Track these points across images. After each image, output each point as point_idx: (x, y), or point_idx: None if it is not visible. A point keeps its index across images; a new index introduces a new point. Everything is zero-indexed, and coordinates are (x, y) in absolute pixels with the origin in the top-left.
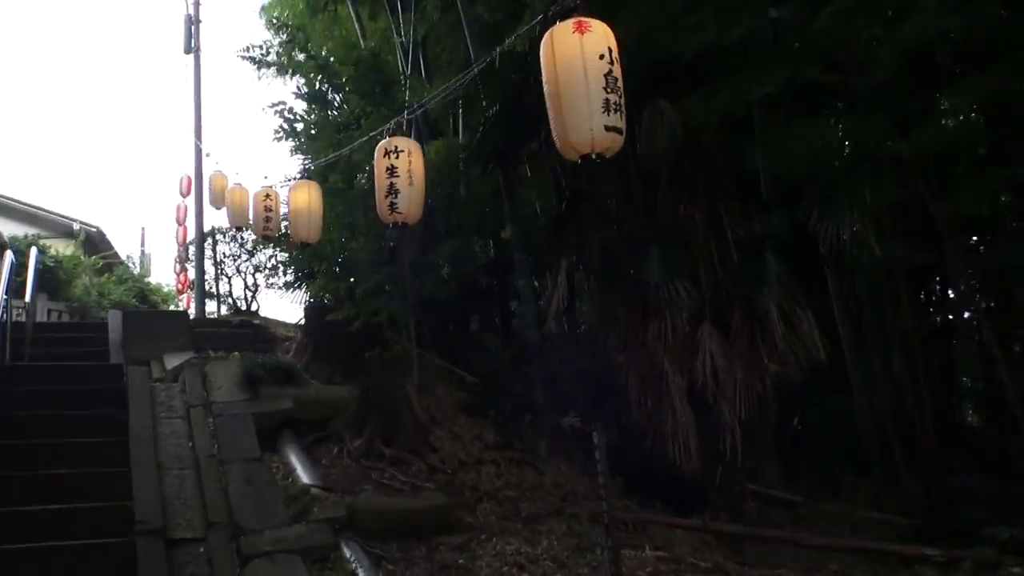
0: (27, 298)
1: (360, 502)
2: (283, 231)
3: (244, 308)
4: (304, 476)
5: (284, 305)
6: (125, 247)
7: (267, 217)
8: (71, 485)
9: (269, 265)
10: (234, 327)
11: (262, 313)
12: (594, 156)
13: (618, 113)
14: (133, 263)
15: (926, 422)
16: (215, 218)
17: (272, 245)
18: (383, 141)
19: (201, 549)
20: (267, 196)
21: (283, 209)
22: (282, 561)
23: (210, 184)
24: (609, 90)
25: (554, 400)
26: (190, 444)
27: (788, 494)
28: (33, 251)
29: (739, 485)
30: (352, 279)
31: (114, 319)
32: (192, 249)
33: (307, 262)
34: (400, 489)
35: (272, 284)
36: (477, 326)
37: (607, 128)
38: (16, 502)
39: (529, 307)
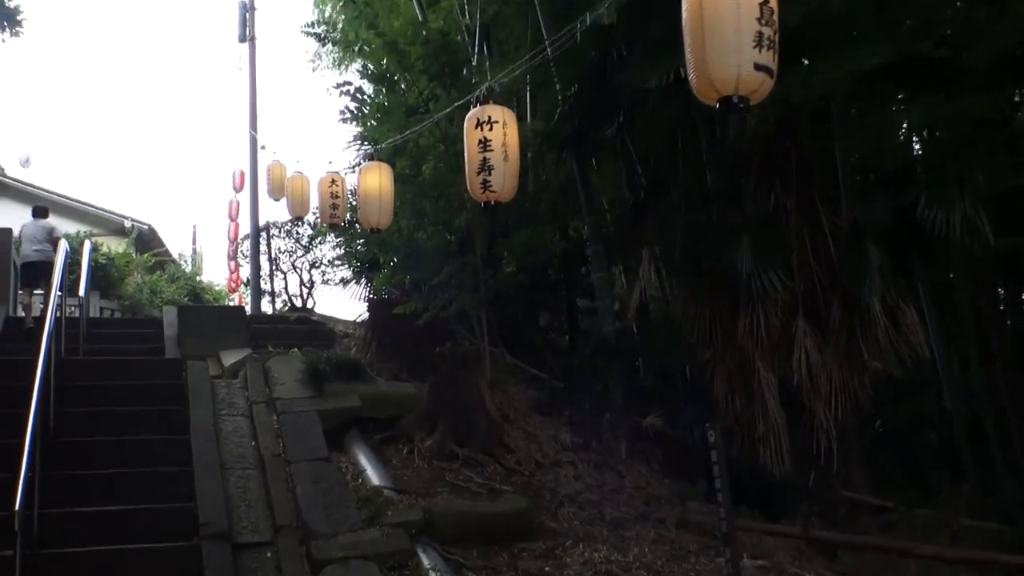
0: (81, 292)
1: (436, 505)
2: (349, 220)
3: (300, 305)
4: (375, 477)
5: (341, 302)
6: (176, 245)
7: (333, 204)
8: (131, 485)
9: (326, 260)
10: (291, 323)
11: (318, 310)
12: (736, 99)
13: (771, 51)
14: (185, 261)
15: None
16: (270, 212)
17: (332, 237)
18: (474, 111)
19: (269, 554)
20: (333, 182)
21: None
22: (356, 567)
23: (268, 174)
24: (764, 22)
25: (633, 399)
26: (253, 443)
27: (877, 499)
28: (87, 245)
29: (832, 490)
30: (419, 271)
31: (169, 315)
32: (246, 245)
33: (368, 255)
34: (477, 492)
35: (329, 280)
36: (546, 321)
37: (757, 67)
38: (76, 502)
39: (605, 301)
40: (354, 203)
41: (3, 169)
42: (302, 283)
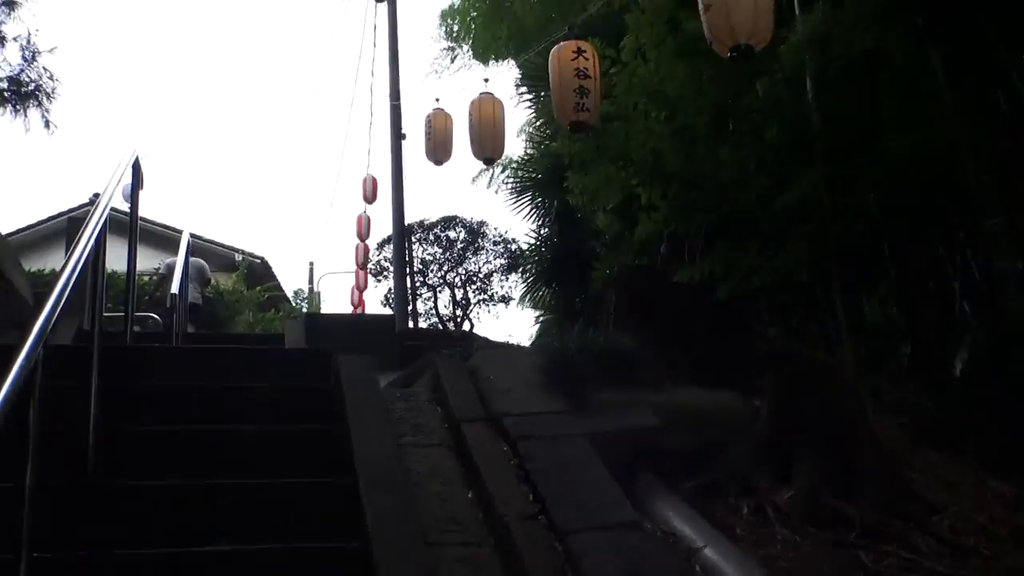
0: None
1: None
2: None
3: (452, 328)
4: (729, 567)
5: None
6: (291, 283)
7: (581, 89)
8: None
9: (484, 272)
10: (456, 341)
11: (479, 332)
12: None
13: None
14: (301, 299)
15: None
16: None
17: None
18: None
19: None
20: (579, 53)
21: None
22: None
23: (429, 127)
24: None
25: None
26: (470, 494)
27: None
28: (185, 235)
29: None
30: (712, 209)
31: (292, 330)
32: (381, 254)
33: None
34: None
35: (490, 297)
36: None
37: None
38: None
39: (1011, 263)
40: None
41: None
42: (455, 302)
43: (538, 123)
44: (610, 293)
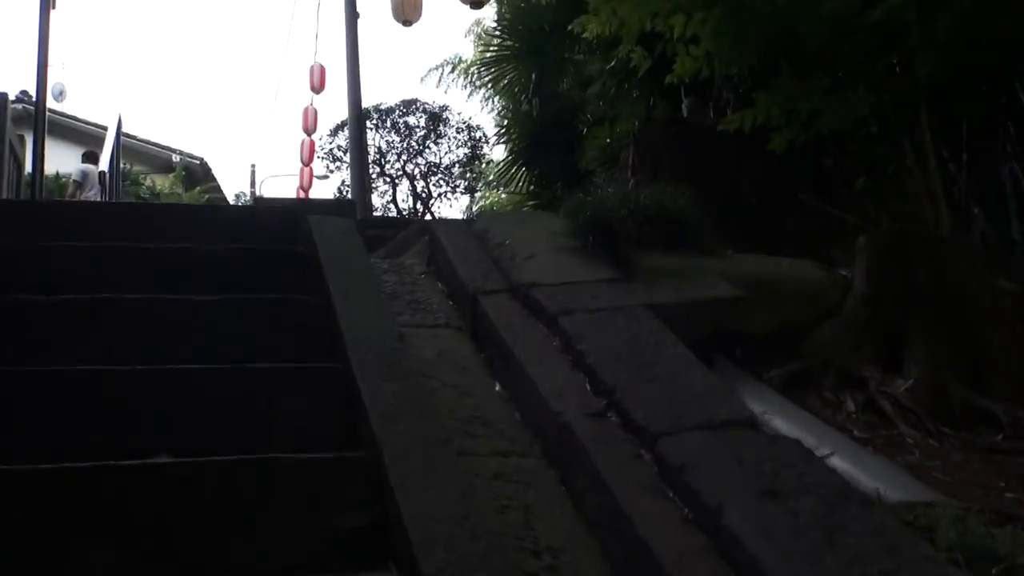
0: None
1: None
2: None
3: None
4: (878, 481)
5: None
6: (233, 186)
7: None
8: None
9: (446, 163)
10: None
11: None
12: None
13: None
14: (244, 203)
15: None
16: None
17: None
18: None
19: None
20: None
21: None
22: None
23: None
24: None
25: None
26: (497, 386)
27: None
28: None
29: None
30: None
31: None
32: (334, 141)
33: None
34: None
35: (453, 189)
36: None
37: None
38: None
39: None
40: None
41: (31, 97)
42: (415, 194)
43: None
44: (625, 155)
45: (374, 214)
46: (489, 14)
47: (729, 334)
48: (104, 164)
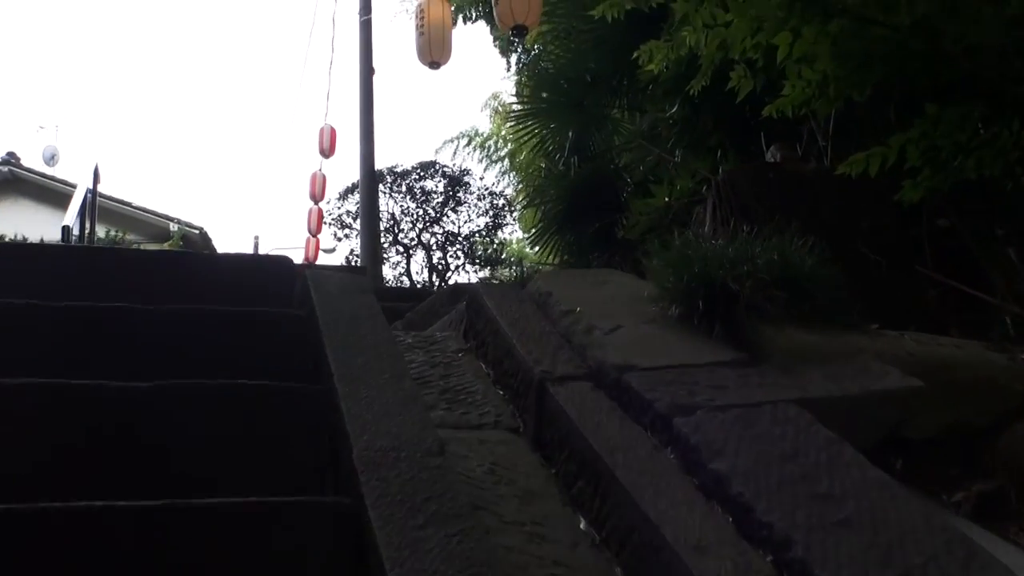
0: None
1: None
2: None
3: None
4: None
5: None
6: None
7: None
8: None
9: (464, 231)
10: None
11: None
12: None
13: None
14: None
15: None
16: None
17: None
18: None
19: None
20: None
21: None
22: None
23: (421, 17)
24: None
25: None
26: (583, 524)
27: None
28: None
29: None
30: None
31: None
32: (343, 206)
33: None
34: None
35: (473, 259)
36: None
37: None
38: None
39: None
40: None
41: (20, 159)
42: (431, 265)
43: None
44: (700, 211)
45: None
46: (507, 87)
47: (886, 441)
48: (70, 218)
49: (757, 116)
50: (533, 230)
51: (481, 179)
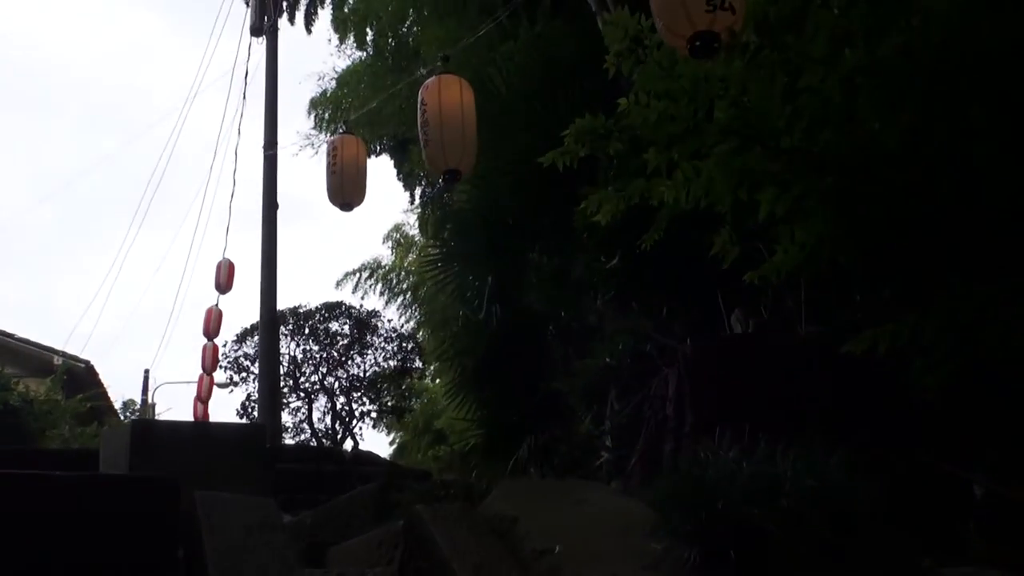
0: None
1: None
2: None
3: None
4: None
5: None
6: (123, 392)
7: None
8: None
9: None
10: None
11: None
12: None
13: None
14: (133, 412)
15: None
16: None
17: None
18: None
19: None
20: None
21: None
22: None
23: (333, 156)
24: None
25: None
26: None
27: None
28: None
29: None
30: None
31: (111, 444)
32: (240, 349)
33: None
34: None
35: (380, 408)
36: None
37: None
38: None
39: None
40: None
41: None
42: (334, 412)
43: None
44: (657, 383)
45: (284, 437)
46: (410, 220)
47: None
48: None
49: (715, 271)
50: (449, 383)
51: (389, 321)
